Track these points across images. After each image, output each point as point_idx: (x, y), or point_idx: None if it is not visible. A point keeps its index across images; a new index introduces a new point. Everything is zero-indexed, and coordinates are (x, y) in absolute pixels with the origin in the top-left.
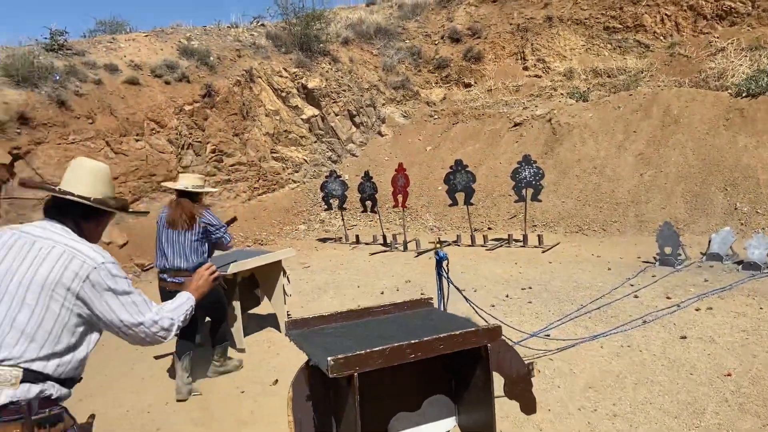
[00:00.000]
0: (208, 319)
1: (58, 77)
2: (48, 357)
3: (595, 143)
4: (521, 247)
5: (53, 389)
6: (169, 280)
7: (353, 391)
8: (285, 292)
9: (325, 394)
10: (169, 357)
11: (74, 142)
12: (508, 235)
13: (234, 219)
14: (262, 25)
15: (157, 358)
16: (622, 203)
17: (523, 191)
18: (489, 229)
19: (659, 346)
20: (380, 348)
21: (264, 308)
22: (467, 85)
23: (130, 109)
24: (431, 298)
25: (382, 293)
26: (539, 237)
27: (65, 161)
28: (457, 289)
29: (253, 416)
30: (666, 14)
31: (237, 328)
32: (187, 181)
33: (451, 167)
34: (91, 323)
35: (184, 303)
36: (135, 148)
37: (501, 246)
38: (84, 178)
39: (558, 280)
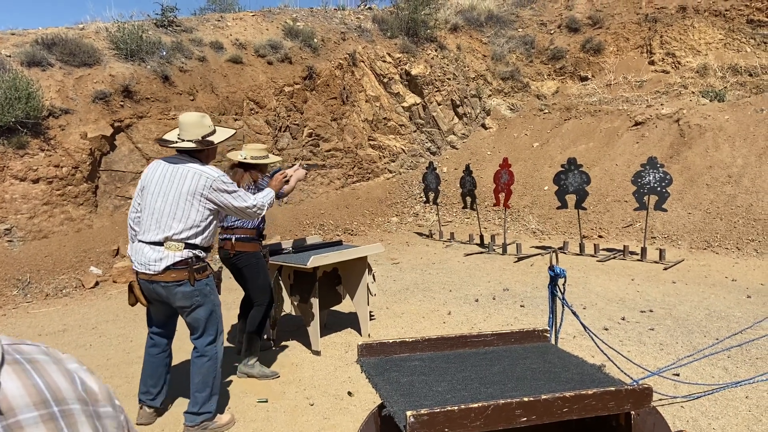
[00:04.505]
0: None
1: (164, 53)
2: (196, 234)
3: (732, 149)
4: (638, 260)
5: (201, 252)
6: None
7: None
8: (369, 291)
9: None
10: (230, 376)
11: (174, 117)
12: (624, 246)
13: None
14: (369, 8)
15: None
16: (762, 220)
17: (645, 198)
18: (600, 237)
19: None
20: (480, 405)
21: (345, 306)
22: (583, 79)
23: (231, 88)
24: (547, 331)
25: (477, 301)
26: (660, 251)
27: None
28: (578, 318)
29: None
30: None
31: (314, 328)
32: (247, 152)
33: (562, 166)
34: (216, 211)
35: (268, 193)
36: (233, 128)
37: (614, 258)
38: (188, 128)
39: (685, 304)
